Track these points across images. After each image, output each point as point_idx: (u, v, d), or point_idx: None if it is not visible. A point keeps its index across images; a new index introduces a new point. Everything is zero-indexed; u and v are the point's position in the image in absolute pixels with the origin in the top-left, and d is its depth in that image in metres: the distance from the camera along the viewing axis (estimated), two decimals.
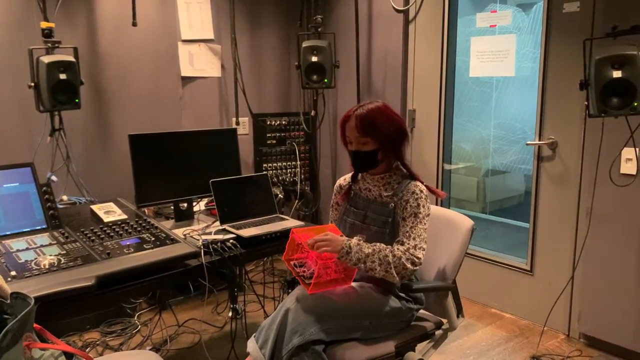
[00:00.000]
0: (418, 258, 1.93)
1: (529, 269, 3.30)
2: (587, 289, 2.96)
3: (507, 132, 4.95)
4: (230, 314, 3.28)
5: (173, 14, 3.68)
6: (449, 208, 3.77)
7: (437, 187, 3.69)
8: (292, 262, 2.05)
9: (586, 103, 2.49)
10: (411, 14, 3.73)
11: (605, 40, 2.45)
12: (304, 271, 2.02)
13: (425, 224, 2.01)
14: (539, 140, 3.15)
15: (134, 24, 3.27)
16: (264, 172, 3.83)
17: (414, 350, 2.09)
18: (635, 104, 2.36)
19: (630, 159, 2.69)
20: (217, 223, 2.49)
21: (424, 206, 2.02)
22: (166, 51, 3.67)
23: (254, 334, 2.04)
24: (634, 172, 2.68)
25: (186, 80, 3.79)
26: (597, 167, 2.81)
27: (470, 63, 3.53)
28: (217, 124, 3.96)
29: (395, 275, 1.91)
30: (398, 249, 1.94)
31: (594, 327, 2.96)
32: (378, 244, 1.96)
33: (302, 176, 4.24)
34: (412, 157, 3.87)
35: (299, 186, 4.16)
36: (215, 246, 2.19)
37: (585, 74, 2.47)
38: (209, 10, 3.84)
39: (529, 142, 3.20)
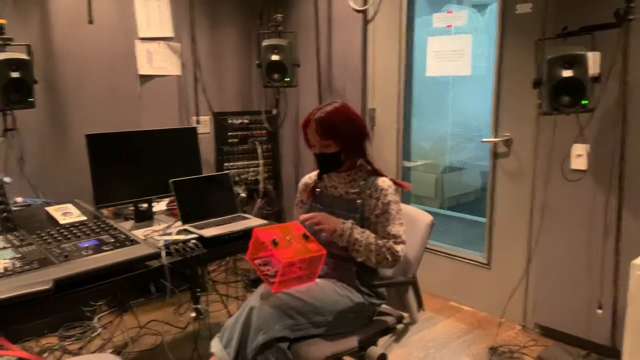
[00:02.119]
0: (397, 251, 2.01)
1: (486, 262, 3.39)
2: (541, 280, 3.07)
3: (463, 130, 5.08)
4: (193, 314, 3.25)
5: (130, 12, 3.61)
6: (409, 204, 3.85)
7: None
8: (256, 261, 2.06)
9: (539, 101, 2.59)
10: (370, 14, 3.77)
11: (556, 40, 2.56)
12: (268, 269, 2.03)
13: (400, 218, 2.07)
14: (495, 137, 3.24)
15: (90, 21, 3.20)
16: (226, 171, 3.81)
17: (376, 345, 2.13)
18: (585, 101, 2.47)
19: (580, 155, 2.80)
20: (178, 223, 2.46)
21: (395, 202, 2.07)
22: (124, 49, 3.60)
23: (217, 334, 2.03)
24: (584, 168, 2.80)
25: (145, 78, 3.73)
26: (550, 162, 2.91)
27: (428, 62, 3.61)
28: (177, 123, 3.91)
29: (374, 263, 2.01)
30: (382, 240, 2.02)
31: (548, 318, 3.07)
32: (367, 231, 2.04)
33: (265, 175, 4.24)
34: (373, 155, 3.91)
35: (261, 185, 4.15)
36: (177, 247, 2.17)
37: (537, 73, 2.56)
38: (168, 8, 3.78)
39: (484, 140, 3.30)
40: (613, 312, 2.67)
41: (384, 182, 2.09)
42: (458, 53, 3.44)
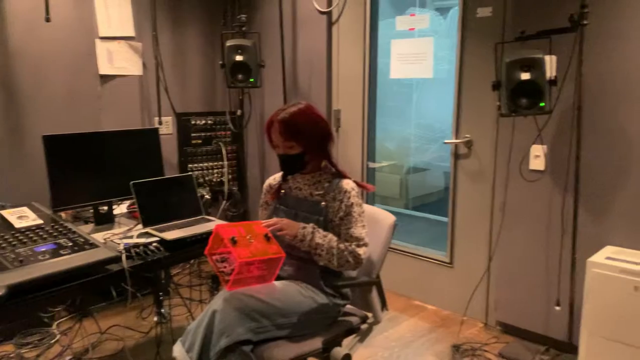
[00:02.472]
0: (359, 254, 2.02)
1: (448, 261, 3.45)
2: (502, 278, 3.14)
3: (427, 132, 5.16)
4: (155, 318, 3.20)
5: (90, 10, 3.52)
6: (373, 205, 3.88)
7: None
8: (214, 257, 2.04)
9: (498, 103, 2.64)
10: (334, 16, 3.79)
11: (515, 44, 2.61)
12: (225, 267, 2.01)
13: (362, 220, 2.08)
14: (456, 138, 3.30)
15: (47, 20, 3.11)
16: (189, 173, 3.76)
17: (340, 346, 2.13)
18: (542, 104, 2.54)
19: (538, 156, 2.88)
20: (140, 226, 2.42)
21: (358, 204, 2.08)
22: (83, 48, 3.51)
23: (180, 338, 2.00)
24: (542, 168, 2.87)
25: (105, 78, 3.65)
26: (509, 163, 2.98)
27: (391, 65, 3.64)
28: (138, 124, 3.84)
29: (336, 266, 2.02)
30: (344, 244, 2.03)
31: (509, 315, 3.14)
32: (330, 235, 2.03)
33: (230, 176, 4.21)
34: (338, 156, 3.93)
35: (226, 186, 4.12)
36: (138, 250, 2.13)
37: (497, 76, 2.62)
38: (129, 7, 3.71)
39: (446, 141, 3.35)
40: (570, 309, 2.75)
41: (347, 184, 2.10)
42: (420, 56, 3.49)
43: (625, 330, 2.36)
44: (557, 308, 2.83)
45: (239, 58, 3.59)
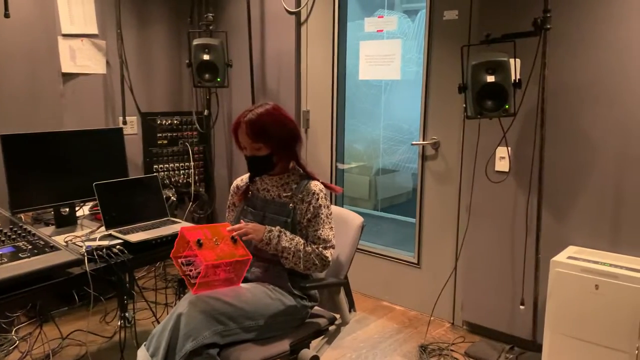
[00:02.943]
0: (326, 257, 2.03)
1: (416, 262, 3.48)
2: (468, 278, 3.18)
3: (395, 133, 5.19)
4: (119, 322, 3.13)
5: (52, 6, 3.43)
6: (342, 206, 3.88)
7: None
8: (179, 260, 2.00)
9: (464, 105, 2.67)
10: (303, 16, 3.78)
11: (480, 47, 2.65)
12: (190, 270, 1.98)
13: (330, 222, 2.08)
14: (423, 140, 3.33)
15: (7, 15, 3.00)
16: (154, 174, 3.69)
17: (308, 347, 2.12)
18: (507, 106, 2.58)
19: (503, 157, 2.93)
20: (103, 228, 2.36)
21: (326, 206, 2.08)
22: (45, 46, 3.41)
23: (144, 342, 1.96)
24: (507, 169, 2.92)
25: (68, 77, 3.55)
26: (475, 165, 3.02)
27: (360, 66, 3.66)
28: (102, 124, 3.76)
29: (303, 269, 2.02)
30: (310, 246, 2.03)
31: (475, 315, 3.18)
32: (297, 238, 2.02)
33: (197, 177, 4.15)
34: (307, 157, 3.92)
35: (193, 188, 4.06)
36: (101, 252, 2.08)
37: (463, 78, 2.65)
38: (92, 4, 3.63)
39: (414, 142, 3.38)
40: (534, 308, 2.80)
41: (315, 185, 2.09)
42: (389, 57, 3.51)
43: (587, 328, 2.42)
44: (522, 307, 2.88)
45: (206, 57, 3.55)
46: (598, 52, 2.58)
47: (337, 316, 2.23)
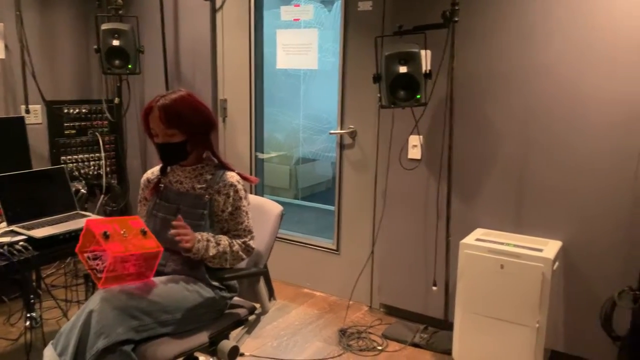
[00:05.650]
0: (252, 248, 2.09)
1: (335, 248, 3.54)
2: (384, 262, 3.29)
3: (314, 122, 5.24)
4: (27, 323, 2.94)
5: None
6: (262, 195, 3.87)
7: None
8: (85, 255, 1.92)
9: (379, 95, 2.74)
10: (218, 3, 3.70)
11: (393, 38, 2.72)
12: (97, 264, 1.90)
13: (249, 212, 2.09)
14: (341, 129, 3.38)
15: None
16: (61, 165, 3.50)
17: (228, 338, 2.11)
18: (418, 96, 2.68)
19: (415, 146, 3.04)
20: (4, 224, 2.21)
21: (245, 197, 2.07)
22: None
23: (51, 341, 1.86)
24: (419, 157, 3.03)
25: None
26: (390, 153, 3.12)
27: (277, 55, 3.64)
28: (2, 112, 3.49)
29: (229, 265, 2.04)
30: (236, 242, 2.03)
31: (392, 297, 3.30)
32: (222, 241, 2.00)
33: (108, 169, 3.97)
34: (225, 147, 3.87)
35: (104, 180, 3.88)
36: (2, 250, 1.95)
37: (377, 69, 2.72)
38: None
39: (332, 132, 3.42)
40: (446, 288, 2.95)
41: (232, 177, 2.07)
42: (306, 47, 3.52)
43: (494, 305, 2.58)
44: (434, 288, 3.02)
45: (115, 43, 3.39)
46: (502, 44, 2.73)
47: (257, 306, 2.23)
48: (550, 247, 2.58)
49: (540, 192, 2.72)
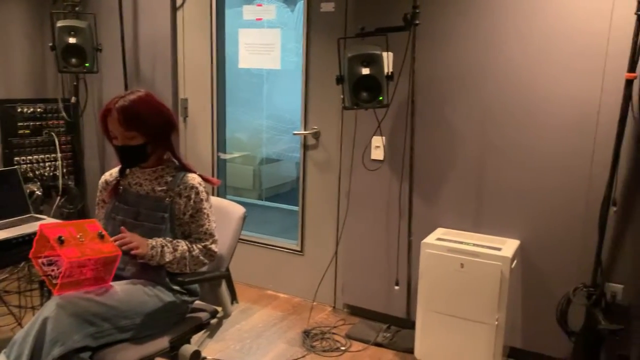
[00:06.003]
0: (215, 252, 2.04)
1: (299, 249, 3.54)
2: (348, 263, 3.30)
3: (278, 123, 5.21)
4: None
5: None
6: (225, 197, 3.83)
7: (212, 176, 3.70)
8: (40, 260, 1.85)
9: (342, 96, 2.75)
10: (179, 1, 3.64)
11: (356, 39, 2.74)
12: (52, 270, 1.84)
13: (212, 215, 2.06)
14: (305, 130, 3.38)
15: None
16: (14, 167, 3.37)
17: (189, 343, 2.08)
18: (381, 98, 2.70)
19: (378, 147, 3.06)
20: None
21: (206, 200, 2.04)
22: None
23: (4, 350, 1.79)
24: (382, 158, 3.06)
25: None
26: (353, 153, 3.13)
27: (240, 54, 3.61)
28: None
29: (190, 271, 2.01)
30: (196, 246, 2.00)
31: (355, 297, 3.31)
32: (181, 245, 1.97)
33: (65, 170, 3.86)
34: (187, 147, 3.81)
35: (60, 181, 3.77)
36: None
37: (340, 70, 2.72)
38: None
39: (295, 132, 3.42)
40: (408, 287, 2.98)
41: (193, 179, 2.04)
42: (268, 47, 3.51)
43: (454, 303, 2.62)
44: (397, 287, 3.05)
45: (72, 40, 3.30)
46: (461, 47, 2.78)
47: (219, 309, 2.21)
48: (509, 246, 2.64)
49: (498, 192, 2.78)
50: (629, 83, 2.28)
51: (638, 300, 2.52)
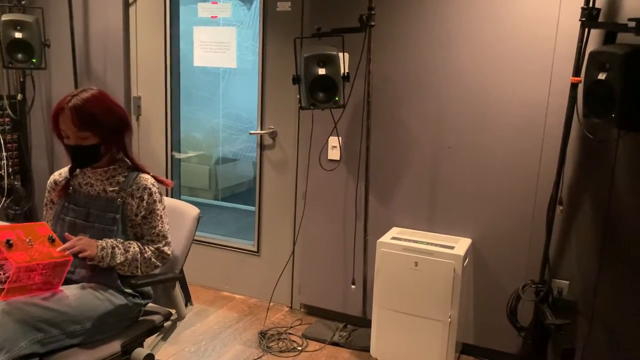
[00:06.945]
0: (168, 254, 2.01)
1: (255, 250, 3.51)
2: (304, 263, 3.30)
3: (235, 122, 5.16)
4: None
5: None
6: (179, 197, 3.77)
7: (166, 176, 3.64)
8: None
9: (298, 96, 2.75)
10: None
11: (312, 39, 2.74)
12: (0, 275, 1.77)
13: (165, 217, 2.02)
14: (261, 129, 3.36)
15: None
16: None
17: (142, 346, 2.03)
18: (337, 98, 2.71)
19: (335, 147, 3.07)
20: None
21: (159, 201, 2.01)
22: None
23: None
24: (338, 158, 3.08)
25: None
26: (310, 153, 3.14)
27: (195, 52, 3.56)
28: None
29: (142, 273, 1.97)
30: (149, 248, 1.96)
31: (312, 297, 3.32)
32: (132, 247, 1.93)
33: (10, 169, 3.71)
34: (140, 146, 3.73)
35: (6, 181, 3.63)
36: None
37: (296, 70, 2.72)
38: None
39: (252, 132, 3.39)
40: (364, 286, 3.01)
41: (146, 179, 2.00)
42: (224, 45, 3.47)
43: (409, 301, 2.66)
44: (353, 286, 3.07)
45: (17, 35, 3.18)
46: (416, 49, 2.82)
47: (173, 311, 2.17)
48: (461, 245, 2.70)
49: (451, 192, 2.84)
50: (574, 86, 2.37)
51: (583, 296, 2.63)
